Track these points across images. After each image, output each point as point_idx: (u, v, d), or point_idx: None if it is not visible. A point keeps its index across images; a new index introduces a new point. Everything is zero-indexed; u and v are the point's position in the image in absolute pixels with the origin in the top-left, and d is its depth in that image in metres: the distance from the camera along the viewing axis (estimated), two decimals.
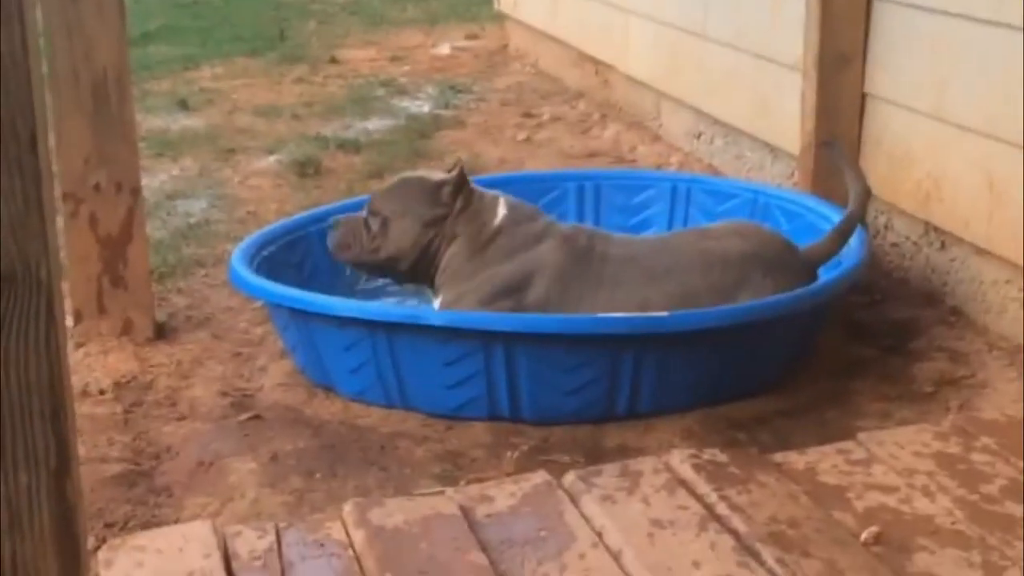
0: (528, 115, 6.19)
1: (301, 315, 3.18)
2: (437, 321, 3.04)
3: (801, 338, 3.33)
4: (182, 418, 3.17)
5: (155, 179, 5.20)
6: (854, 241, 3.44)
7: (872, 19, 3.86)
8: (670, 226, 3.99)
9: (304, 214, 3.92)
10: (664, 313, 3.02)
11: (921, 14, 3.65)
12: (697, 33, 5.06)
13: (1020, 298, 3.39)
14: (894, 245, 3.93)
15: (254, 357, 3.51)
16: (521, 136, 5.81)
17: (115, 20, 3.42)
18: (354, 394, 3.18)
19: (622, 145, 5.57)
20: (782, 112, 4.32)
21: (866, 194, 3.53)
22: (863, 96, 3.93)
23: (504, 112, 6.30)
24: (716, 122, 5.02)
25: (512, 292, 3.22)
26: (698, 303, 3.16)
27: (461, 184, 3.33)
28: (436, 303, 3.33)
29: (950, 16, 3.53)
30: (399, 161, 5.35)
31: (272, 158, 5.52)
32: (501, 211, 3.33)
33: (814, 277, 3.35)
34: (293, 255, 3.67)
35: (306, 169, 5.27)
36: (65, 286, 3.64)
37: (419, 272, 3.38)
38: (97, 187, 3.49)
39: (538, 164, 5.33)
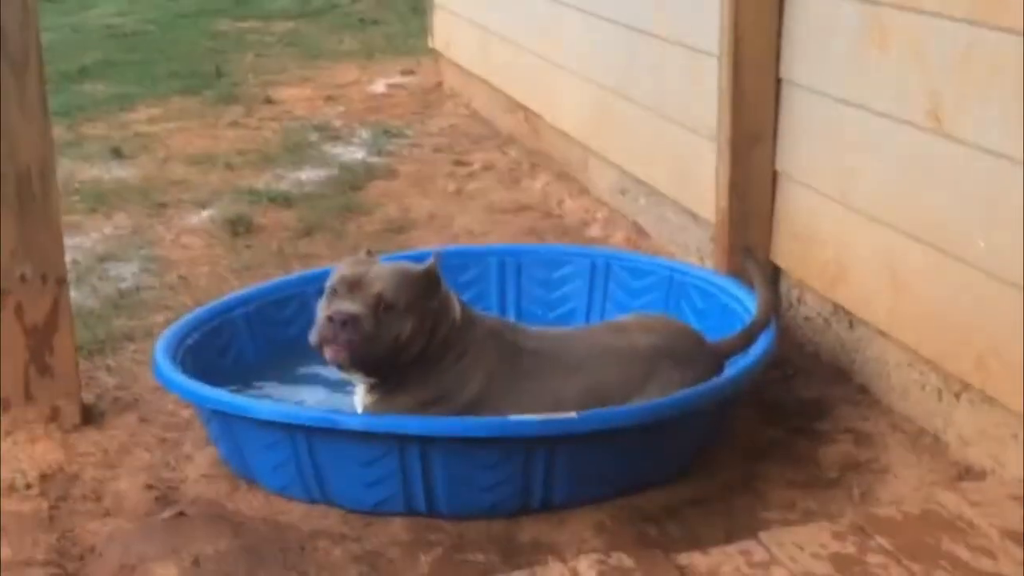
0: (460, 163, 6.29)
1: (222, 414, 3.26)
2: (353, 425, 3.12)
3: (711, 427, 3.43)
4: (107, 514, 3.24)
5: (88, 238, 5.28)
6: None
7: (781, 101, 3.95)
8: (590, 300, 4.11)
9: (225, 298, 3.98)
10: (573, 414, 3.12)
11: (824, 101, 3.75)
12: (621, 94, 5.13)
13: (921, 381, 3.50)
14: (807, 319, 4.04)
15: (180, 443, 3.58)
16: (452, 187, 5.90)
17: (38, 117, 3.49)
18: (276, 489, 3.26)
19: (550, 198, 5.67)
20: (701, 180, 4.38)
21: (772, 307, 3.67)
22: (775, 173, 4.03)
23: (436, 159, 6.39)
24: (640, 182, 5.10)
25: (451, 396, 3.29)
26: (609, 396, 3.27)
27: (438, 276, 3.35)
28: (398, 400, 3.31)
29: (851, 106, 3.62)
30: (329, 218, 5.46)
31: (205, 213, 5.59)
32: (456, 306, 3.38)
33: (721, 368, 3.46)
34: (218, 340, 3.75)
35: (237, 227, 5.35)
36: None
37: (410, 361, 3.29)
38: (23, 278, 3.55)
39: (467, 219, 5.43)
